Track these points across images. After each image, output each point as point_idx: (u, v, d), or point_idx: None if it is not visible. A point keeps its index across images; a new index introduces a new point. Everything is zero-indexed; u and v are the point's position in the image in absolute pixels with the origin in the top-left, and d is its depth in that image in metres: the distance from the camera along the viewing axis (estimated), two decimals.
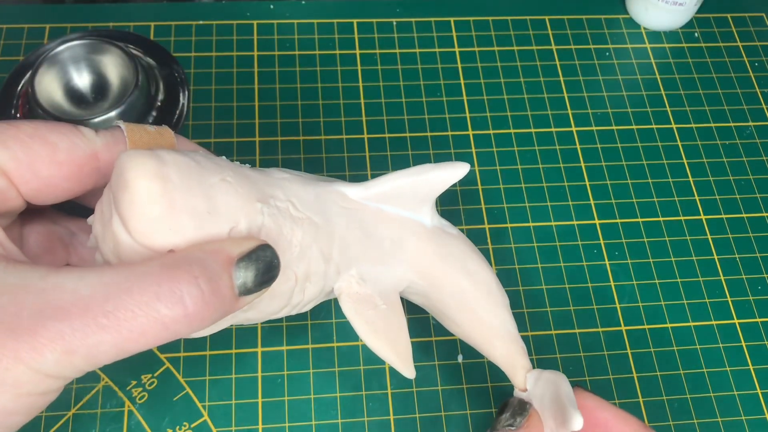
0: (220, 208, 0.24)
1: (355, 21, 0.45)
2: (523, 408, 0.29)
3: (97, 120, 0.34)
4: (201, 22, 0.44)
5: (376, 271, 0.29)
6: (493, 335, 0.30)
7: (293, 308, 0.27)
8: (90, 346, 0.20)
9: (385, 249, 0.29)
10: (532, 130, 0.42)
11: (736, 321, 0.37)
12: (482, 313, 0.30)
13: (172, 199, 0.23)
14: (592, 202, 0.40)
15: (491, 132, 0.42)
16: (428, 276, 0.30)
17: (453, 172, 0.29)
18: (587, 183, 0.40)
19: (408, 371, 0.28)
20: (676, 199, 0.40)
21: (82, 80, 0.36)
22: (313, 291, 0.27)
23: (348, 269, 0.28)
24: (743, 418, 0.34)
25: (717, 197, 0.40)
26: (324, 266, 0.27)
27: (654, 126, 0.43)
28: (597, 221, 0.39)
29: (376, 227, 0.29)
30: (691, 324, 0.37)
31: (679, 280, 0.38)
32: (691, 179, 0.41)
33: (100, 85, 0.36)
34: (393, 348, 0.28)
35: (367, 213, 0.29)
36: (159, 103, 0.36)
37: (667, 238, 0.39)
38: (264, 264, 0.23)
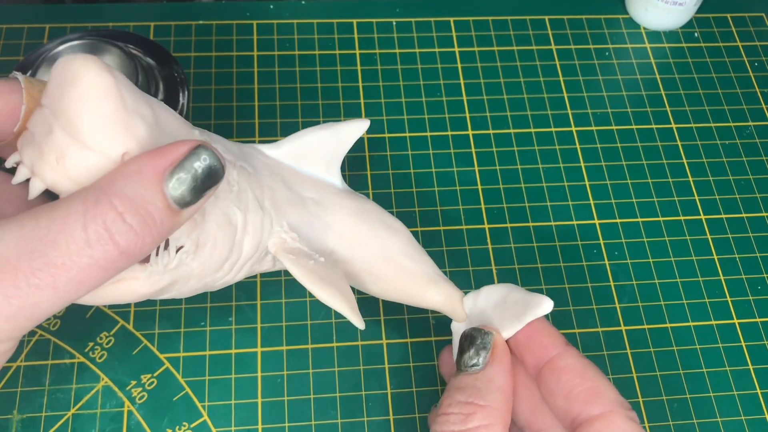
0: (164, 124, 0.22)
1: (354, 21, 0.45)
2: (485, 341, 0.26)
3: None
4: (201, 22, 0.44)
5: (305, 228, 0.28)
6: (426, 280, 0.30)
7: (231, 268, 0.26)
8: (29, 308, 0.19)
9: (310, 209, 0.29)
10: (532, 130, 0.42)
11: (736, 321, 0.37)
12: (409, 263, 0.30)
13: (122, 96, 0.21)
14: (592, 202, 0.40)
15: (491, 132, 0.42)
16: (352, 234, 0.29)
17: (355, 126, 0.30)
18: (587, 183, 0.40)
19: (359, 321, 0.27)
20: (676, 199, 0.40)
21: None
22: (251, 246, 0.26)
23: (279, 222, 0.27)
24: (743, 418, 0.34)
25: (717, 197, 0.40)
26: (261, 214, 0.26)
27: (654, 126, 0.43)
28: (597, 221, 0.39)
29: (297, 186, 0.29)
30: (691, 324, 0.37)
31: (679, 280, 0.38)
32: (691, 179, 0.41)
33: None
34: (343, 297, 0.26)
35: (285, 171, 0.29)
36: None
37: (667, 238, 0.39)
38: (202, 170, 0.21)
